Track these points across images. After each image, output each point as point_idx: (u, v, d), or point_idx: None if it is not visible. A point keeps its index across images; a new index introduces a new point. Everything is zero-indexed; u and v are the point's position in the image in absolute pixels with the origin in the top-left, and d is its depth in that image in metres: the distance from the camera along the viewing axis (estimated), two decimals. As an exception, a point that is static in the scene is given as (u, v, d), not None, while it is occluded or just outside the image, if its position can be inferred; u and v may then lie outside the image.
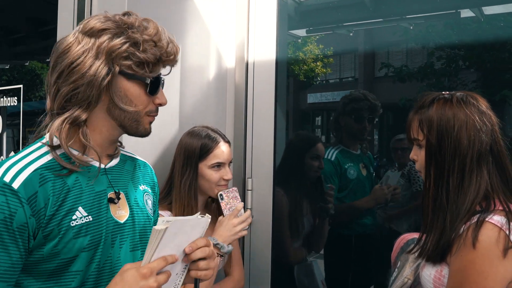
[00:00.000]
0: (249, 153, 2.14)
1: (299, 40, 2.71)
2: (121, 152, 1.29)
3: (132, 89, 1.11)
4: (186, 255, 1.08)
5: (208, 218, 1.10)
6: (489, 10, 2.23)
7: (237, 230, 1.68)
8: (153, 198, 1.34)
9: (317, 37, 2.69)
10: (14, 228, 0.99)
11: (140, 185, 1.29)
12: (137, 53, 1.08)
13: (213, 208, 1.87)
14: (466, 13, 2.27)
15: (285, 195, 2.20)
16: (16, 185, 1.01)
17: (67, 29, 1.84)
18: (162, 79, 1.18)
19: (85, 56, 1.07)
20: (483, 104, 1.29)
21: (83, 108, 1.09)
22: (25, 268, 1.04)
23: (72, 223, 1.06)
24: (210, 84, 2.14)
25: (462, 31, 2.33)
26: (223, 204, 1.70)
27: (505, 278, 1.15)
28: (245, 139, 2.14)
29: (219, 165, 1.77)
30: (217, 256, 1.60)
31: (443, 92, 1.33)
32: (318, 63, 2.70)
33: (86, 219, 1.09)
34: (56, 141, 1.09)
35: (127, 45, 1.07)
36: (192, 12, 2.02)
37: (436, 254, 1.23)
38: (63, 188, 1.07)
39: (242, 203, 1.75)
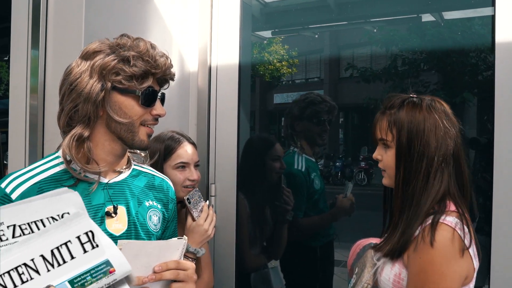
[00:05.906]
0: (212, 159, 2.11)
1: (265, 42, 2.69)
2: (136, 167, 1.37)
3: (126, 102, 1.21)
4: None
5: (183, 240, 1.14)
6: (448, 15, 2.28)
7: (209, 233, 1.68)
8: (164, 215, 1.38)
9: (282, 38, 2.69)
10: None
11: (147, 201, 1.34)
12: (125, 68, 1.18)
13: (181, 213, 1.84)
14: (427, 17, 2.32)
15: (245, 199, 2.15)
16: (14, 196, 1.14)
17: (22, 26, 1.77)
18: (159, 92, 1.27)
19: (82, 77, 1.19)
20: (448, 110, 1.34)
21: (85, 125, 1.21)
22: None
23: None
24: (173, 88, 2.07)
25: (423, 35, 2.38)
26: (190, 207, 1.66)
27: (461, 276, 1.21)
28: (208, 144, 2.11)
29: (183, 166, 1.72)
30: (191, 260, 1.61)
31: (411, 95, 1.36)
32: (283, 63, 2.70)
33: None
34: (67, 157, 1.21)
35: (115, 61, 1.18)
36: (153, 15, 1.97)
37: (394, 250, 1.27)
38: None
39: (206, 202, 1.73)
